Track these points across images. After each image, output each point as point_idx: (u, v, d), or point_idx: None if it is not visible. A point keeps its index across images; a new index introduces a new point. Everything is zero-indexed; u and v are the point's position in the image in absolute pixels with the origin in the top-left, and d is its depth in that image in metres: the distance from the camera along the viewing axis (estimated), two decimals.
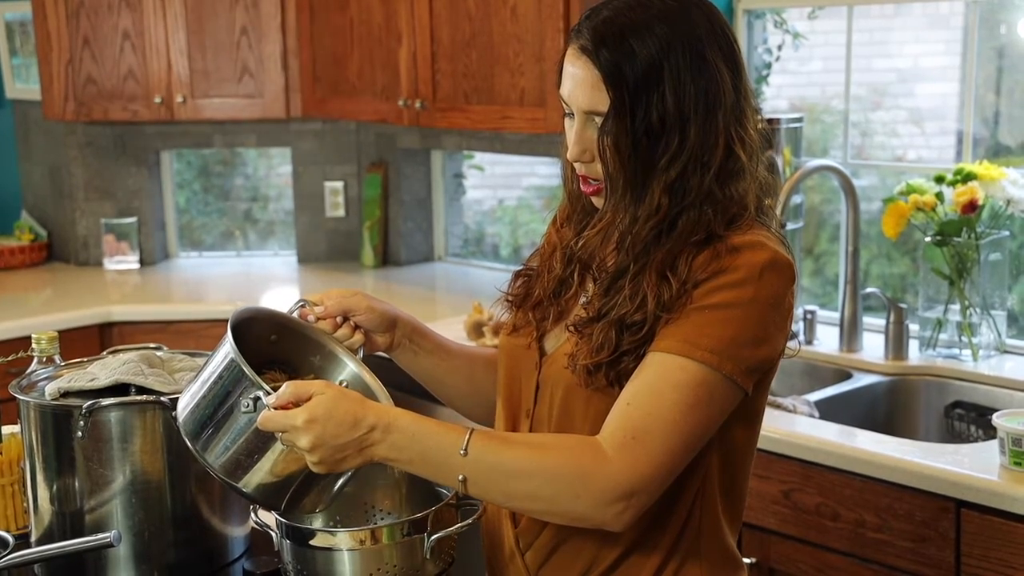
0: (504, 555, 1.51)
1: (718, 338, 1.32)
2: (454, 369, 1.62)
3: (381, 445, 1.30)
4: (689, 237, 1.36)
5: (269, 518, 1.48)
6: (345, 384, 1.46)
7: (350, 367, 1.51)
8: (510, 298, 1.57)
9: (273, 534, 1.47)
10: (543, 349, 1.50)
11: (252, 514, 1.58)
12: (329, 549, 1.40)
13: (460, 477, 1.30)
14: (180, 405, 1.40)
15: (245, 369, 1.31)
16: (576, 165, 1.43)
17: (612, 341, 1.36)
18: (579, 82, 1.38)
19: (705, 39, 1.36)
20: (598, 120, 1.37)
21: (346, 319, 1.53)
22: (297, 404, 1.29)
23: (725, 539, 1.47)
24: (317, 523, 1.54)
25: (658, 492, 1.32)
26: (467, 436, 1.31)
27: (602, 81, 1.35)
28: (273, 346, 1.49)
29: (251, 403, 1.30)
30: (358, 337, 1.53)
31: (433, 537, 1.40)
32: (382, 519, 1.57)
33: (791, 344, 1.44)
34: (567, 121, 1.43)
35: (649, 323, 1.35)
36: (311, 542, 1.41)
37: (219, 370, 1.35)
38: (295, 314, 1.51)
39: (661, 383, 1.32)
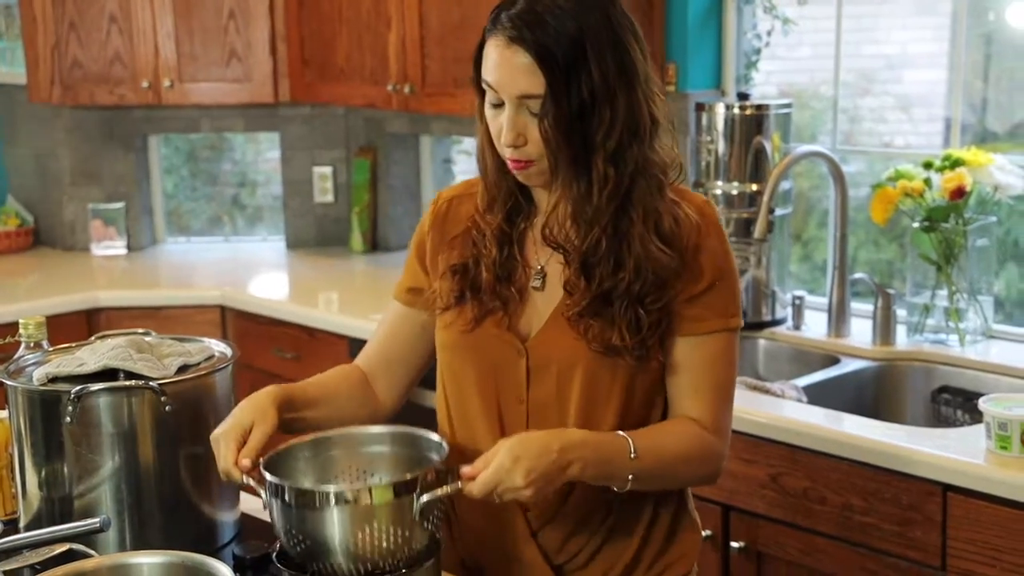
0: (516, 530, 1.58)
1: (734, 302, 1.54)
2: (339, 407, 1.65)
3: (576, 464, 1.42)
4: (646, 203, 1.48)
5: (257, 504, 1.48)
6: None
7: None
8: (454, 297, 1.58)
9: (262, 492, 1.44)
10: (520, 334, 1.54)
11: (261, 501, 1.57)
12: (319, 508, 1.39)
13: (629, 476, 1.46)
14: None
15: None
16: (507, 151, 1.49)
17: (635, 317, 1.48)
18: (512, 69, 1.44)
19: (612, 17, 1.45)
20: (530, 104, 1.44)
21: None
22: (485, 465, 1.39)
23: None
24: (307, 483, 1.53)
25: None
26: (630, 442, 1.46)
27: (536, 65, 1.42)
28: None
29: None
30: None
31: (422, 498, 1.40)
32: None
33: None
34: (490, 111, 1.49)
35: (655, 290, 1.48)
36: (301, 500, 1.40)
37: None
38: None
39: (717, 364, 1.54)
